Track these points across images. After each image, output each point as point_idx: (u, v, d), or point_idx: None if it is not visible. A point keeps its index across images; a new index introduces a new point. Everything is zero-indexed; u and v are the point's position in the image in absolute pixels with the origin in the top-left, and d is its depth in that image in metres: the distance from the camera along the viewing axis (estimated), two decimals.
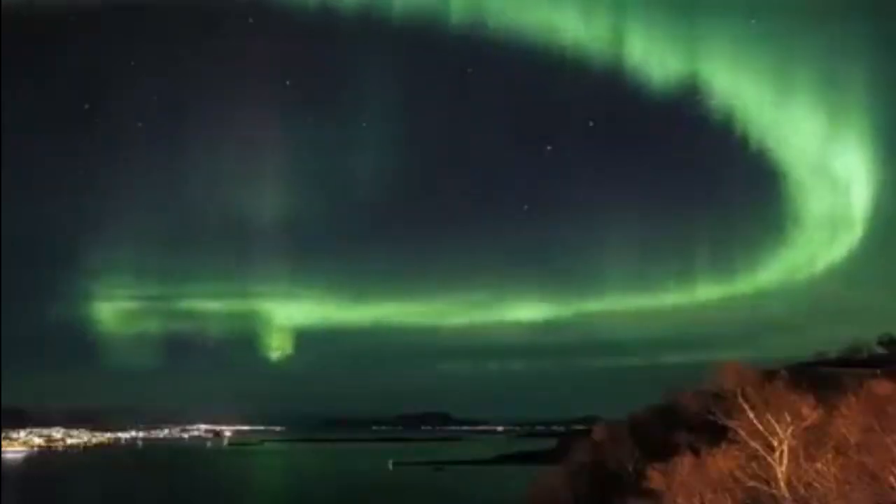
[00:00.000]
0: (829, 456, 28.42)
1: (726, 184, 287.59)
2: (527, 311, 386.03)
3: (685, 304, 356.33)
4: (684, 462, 35.48)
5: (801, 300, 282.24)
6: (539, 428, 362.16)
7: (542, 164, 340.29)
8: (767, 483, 30.65)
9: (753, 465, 31.27)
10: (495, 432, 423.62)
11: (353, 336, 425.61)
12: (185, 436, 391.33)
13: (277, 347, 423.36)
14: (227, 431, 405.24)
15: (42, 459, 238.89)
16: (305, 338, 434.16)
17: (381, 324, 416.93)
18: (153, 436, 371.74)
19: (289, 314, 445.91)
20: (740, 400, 32.02)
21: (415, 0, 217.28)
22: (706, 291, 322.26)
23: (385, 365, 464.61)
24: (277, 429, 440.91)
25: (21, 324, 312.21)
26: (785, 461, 30.45)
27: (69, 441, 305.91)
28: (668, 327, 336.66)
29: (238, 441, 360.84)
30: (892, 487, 25.64)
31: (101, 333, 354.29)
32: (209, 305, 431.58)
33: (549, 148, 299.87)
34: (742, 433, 31.82)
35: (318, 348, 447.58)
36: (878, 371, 58.05)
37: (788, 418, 30.38)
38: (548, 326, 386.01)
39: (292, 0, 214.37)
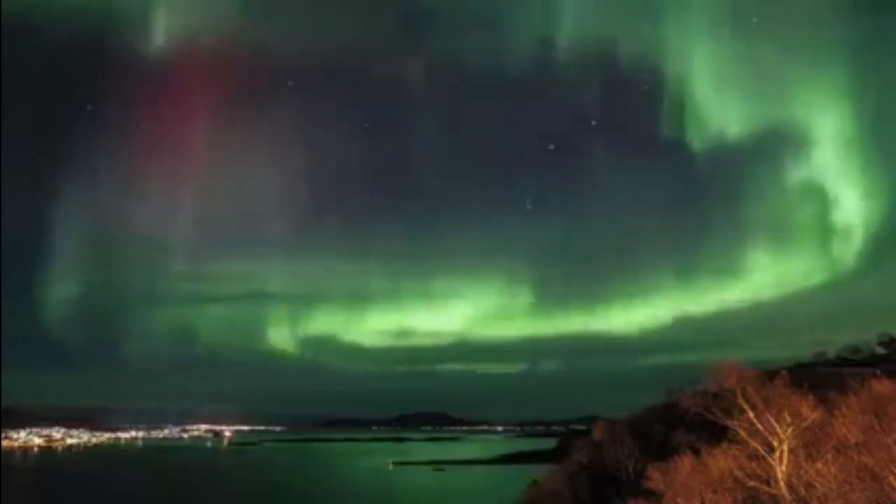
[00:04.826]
0: (829, 456, 28.33)
1: (728, 185, 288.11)
2: (527, 309, 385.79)
3: (685, 304, 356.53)
4: (684, 462, 35.44)
5: (802, 301, 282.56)
6: (539, 428, 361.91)
7: (545, 162, 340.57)
8: (767, 483, 30.57)
9: (753, 465, 31.18)
10: (495, 432, 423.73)
11: (356, 336, 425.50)
12: (185, 436, 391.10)
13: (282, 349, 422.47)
14: (227, 431, 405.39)
15: (42, 459, 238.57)
16: (308, 340, 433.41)
17: (383, 324, 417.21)
18: (153, 436, 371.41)
19: (292, 316, 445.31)
20: (740, 400, 31.89)
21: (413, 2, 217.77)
22: (706, 291, 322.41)
23: (386, 365, 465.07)
24: (277, 429, 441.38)
25: (21, 324, 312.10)
26: (785, 461, 30.37)
27: (69, 441, 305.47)
28: (669, 327, 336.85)
29: (238, 441, 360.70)
30: (893, 487, 25.58)
31: (101, 334, 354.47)
32: (210, 305, 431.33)
33: (551, 147, 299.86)
34: (742, 433, 31.69)
35: (321, 350, 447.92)
36: (878, 371, 58.12)
37: (788, 418, 30.28)
38: (548, 326, 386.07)
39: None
